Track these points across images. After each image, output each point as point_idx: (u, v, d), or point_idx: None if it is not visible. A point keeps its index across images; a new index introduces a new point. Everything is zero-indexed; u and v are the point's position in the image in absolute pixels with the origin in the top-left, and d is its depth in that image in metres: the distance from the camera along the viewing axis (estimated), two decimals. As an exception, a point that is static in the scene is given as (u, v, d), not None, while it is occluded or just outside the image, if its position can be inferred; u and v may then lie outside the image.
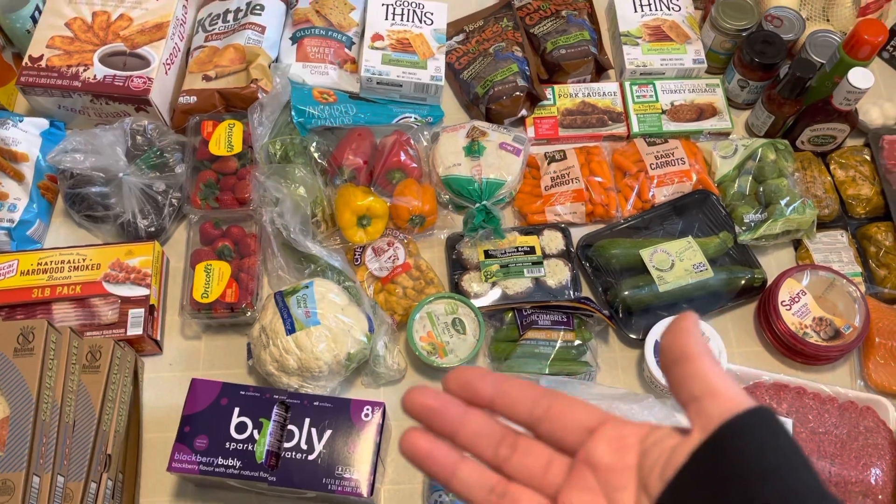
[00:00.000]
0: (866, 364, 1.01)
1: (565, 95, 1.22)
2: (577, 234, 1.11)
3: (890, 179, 1.13)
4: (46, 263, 1.00)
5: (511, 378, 0.37)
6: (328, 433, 0.85)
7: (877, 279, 1.08)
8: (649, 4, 1.27)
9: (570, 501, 0.35)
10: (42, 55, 1.10)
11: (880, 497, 0.90)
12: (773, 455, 0.30)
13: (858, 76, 1.04)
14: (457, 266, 1.07)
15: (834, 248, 1.10)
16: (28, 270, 1.00)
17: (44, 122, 1.13)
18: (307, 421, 0.86)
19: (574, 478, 0.35)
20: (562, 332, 0.99)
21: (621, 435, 0.35)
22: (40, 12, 1.15)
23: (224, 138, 1.09)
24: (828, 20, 1.24)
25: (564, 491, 0.35)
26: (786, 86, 1.11)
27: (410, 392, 0.37)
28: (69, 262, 1.01)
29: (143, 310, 0.98)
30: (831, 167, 1.16)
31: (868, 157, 1.16)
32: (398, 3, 1.22)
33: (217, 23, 1.20)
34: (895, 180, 1.13)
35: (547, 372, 0.97)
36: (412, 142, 1.12)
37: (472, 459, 0.37)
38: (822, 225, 1.12)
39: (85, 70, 1.09)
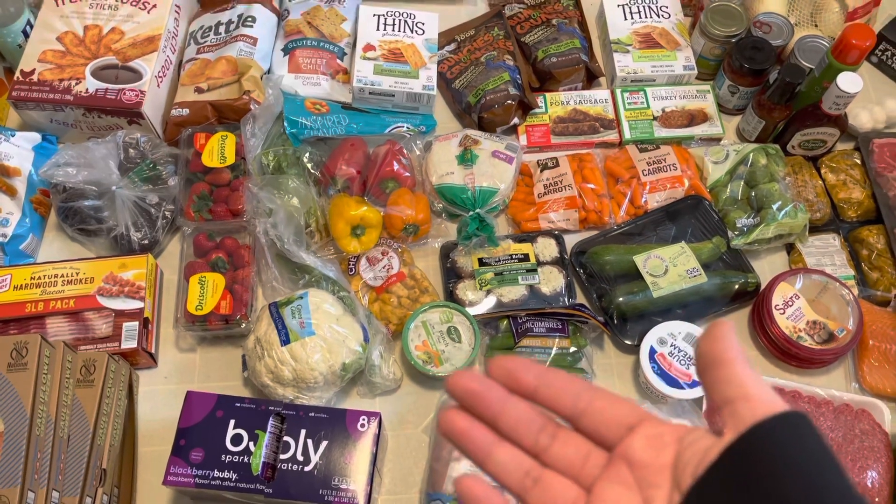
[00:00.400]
0: (860, 367, 1.01)
1: (557, 103, 1.22)
2: (570, 240, 1.11)
3: (880, 182, 1.14)
4: (40, 278, 1.00)
5: (555, 370, 0.38)
6: (324, 444, 0.85)
7: (869, 282, 1.08)
8: (639, 12, 1.28)
9: (604, 493, 0.36)
10: (34, 69, 1.10)
11: (877, 500, 0.90)
12: (801, 456, 0.31)
13: (847, 81, 1.05)
14: (451, 274, 1.07)
15: (826, 252, 1.10)
16: (21, 285, 0.99)
17: (36, 137, 1.12)
18: (303, 432, 0.86)
19: (610, 471, 0.36)
20: (557, 339, 0.99)
21: (660, 433, 0.36)
22: (32, 26, 1.15)
23: (217, 150, 1.09)
24: (816, 25, 1.25)
25: (600, 483, 0.36)
26: (775, 91, 1.12)
27: (454, 374, 0.38)
28: (62, 276, 1.00)
29: (137, 323, 0.98)
30: (822, 171, 1.17)
31: (858, 161, 1.17)
32: (389, 13, 1.22)
33: (209, 35, 1.20)
34: (885, 183, 1.14)
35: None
36: (405, 151, 1.12)
37: (509, 443, 0.38)
38: (815, 229, 1.12)
39: (77, 84, 1.09)
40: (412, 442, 0.98)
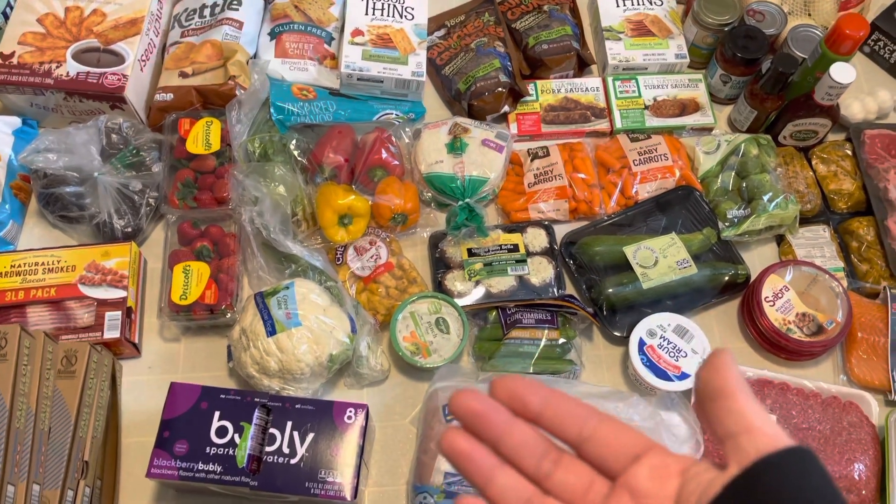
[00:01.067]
0: (849, 359, 1.01)
1: (548, 91, 1.21)
2: (560, 231, 1.10)
3: (871, 174, 1.14)
4: (20, 266, 0.98)
5: (561, 394, 0.37)
6: (310, 436, 0.84)
7: (859, 274, 1.08)
8: (631, -1, 1.27)
9: None
10: (13, 52, 1.08)
11: (864, 492, 0.90)
12: (807, 492, 0.30)
13: (840, 71, 1.04)
14: (440, 265, 1.06)
15: (816, 244, 1.10)
16: (1, 273, 0.97)
17: (16, 121, 1.10)
18: (289, 424, 0.85)
19: (612, 501, 0.35)
20: (546, 331, 0.98)
21: (664, 464, 0.35)
22: (12, 8, 1.13)
23: (202, 136, 1.07)
24: (809, 15, 1.24)
25: None
26: (768, 81, 1.11)
27: (458, 394, 0.36)
28: (43, 264, 0.98)
29: (120, 312, 0.96)
30: (813, 162, 1.16)
31: (850, 152, 1.17)
32: (378, -3, 1.20)
33: (193, 18, 1.17)
34: (876, 175, 1.13)
35: (531, 371, 0.97)
36: (394, 139, 1.10)
37: (510, 468, 0.37)
38: (805, 220, 1.12)
39: (58, 67, 1.07)
40: (399, 434, 0.97)
